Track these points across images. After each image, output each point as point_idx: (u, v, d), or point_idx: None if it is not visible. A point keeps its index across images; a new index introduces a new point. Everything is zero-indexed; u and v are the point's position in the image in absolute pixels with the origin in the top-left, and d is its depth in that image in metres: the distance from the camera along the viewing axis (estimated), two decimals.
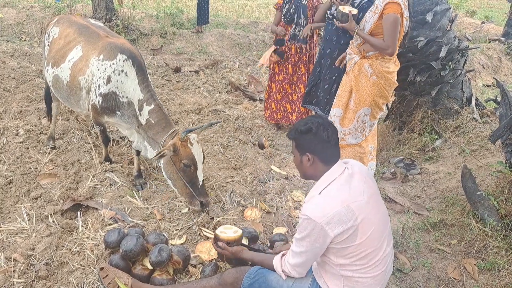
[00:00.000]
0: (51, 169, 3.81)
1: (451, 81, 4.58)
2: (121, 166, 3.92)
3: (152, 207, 3.31)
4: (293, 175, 4.02)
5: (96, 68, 3.41)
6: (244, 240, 2.73)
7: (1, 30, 8.92)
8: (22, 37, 8.68)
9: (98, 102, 3.44)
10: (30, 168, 3.81)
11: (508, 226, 3.01)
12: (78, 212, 3.24)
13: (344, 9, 3.62)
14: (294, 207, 3.48)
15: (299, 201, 3.56)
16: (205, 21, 9.75)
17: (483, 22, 11.50)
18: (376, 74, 3.58)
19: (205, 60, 8.13)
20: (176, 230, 3.05)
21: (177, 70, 7.35)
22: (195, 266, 2.72)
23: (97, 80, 3.40)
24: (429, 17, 4.30)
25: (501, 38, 9.29)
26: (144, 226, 3.07)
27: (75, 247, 2.86)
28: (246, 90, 6.59)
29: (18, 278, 2.64)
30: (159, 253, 2.52)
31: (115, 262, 2.55)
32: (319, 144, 1.98)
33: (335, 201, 1.88)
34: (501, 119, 3.24)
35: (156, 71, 7.27)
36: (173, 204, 3.35)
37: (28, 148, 4.15)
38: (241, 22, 11.37)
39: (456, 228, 3.26)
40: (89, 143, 4.22)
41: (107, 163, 3.87)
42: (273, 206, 3.46)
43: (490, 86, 7.38)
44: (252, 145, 4.76)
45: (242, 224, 3.12)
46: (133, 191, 3.53)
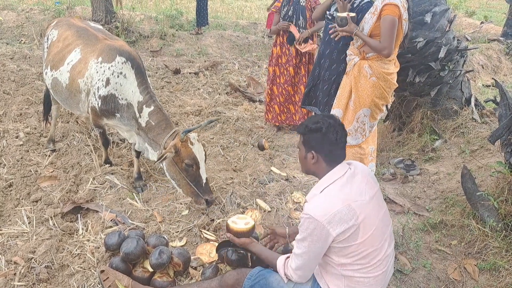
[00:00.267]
0: (51, 172, 3.82)
1: (451, 82, 4.58)
2: (121, 168, 3.93)
3: (152, 209, 3.31)
4: (293, 176, 4.02)
5: (95, 71, 3.42)
6: None
7: (1, 33, 8.92)
8: (22, 40, 8.69)
9: (98, 105, 3.44)
10: (30, 171, 3.81)
11: (508, 227, 3.01)
12: (79, 215, 3.24)
13: (342, 14, 3.65)
14: (295, 208, 3.48)
15: (299, 202, 3.56)
16: (204, 23, 9.78)
17: (482, 22, 11.50)
18: (376, 75, 3.58)
19: (205, 62, 8.13)
20: (177, 232, 3.05)
21: (177, 72, 7.36)
22: (196, 268, 2.72)
23: (96, 83, 3.41)
24: (428, 18, 4.30)
25: (500, 38, 9.29)
26: (145, 229, 3.07)
27: (76, 250, 2.86)
28: (246, 92, 6.60)
29: (19, 281, 2.64)
30: (160, 256, 2.52)
31: (116, 265, 2.55)
32: (326, 145, 1.99)
33: (337, 200, 1.89)
34: (501, 120, 3.24)
35: (156, 73, 7.28)
36: (174, 206, 3.35)
37: (28, 151, 4.15)
38: (241, 24, 11.39)
39: (456, 229, 3.26)
40: (89, 146, 4.22)
41: (107, 166, 3.88)
42: (273, 208, 3.46)
43: (490, 86, 7.38)
44: (252, 147, 4.76)
45: None
46: (133, 193, 3.53)
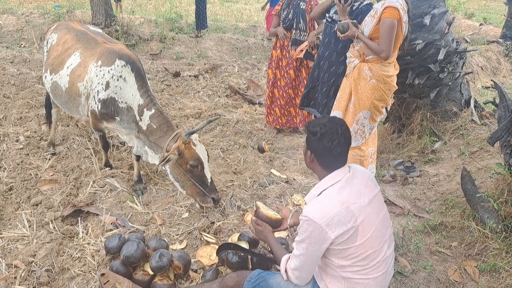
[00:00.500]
0: (52, 175, 3.82)
1: (450, 84, 4.59)
2: (121, 172, 3.93)
3: (153, 212, 3.31)
4: (293, 179, 4.03)
5: (95, 74, 3.43)
6: (245, 244, 2.73)
7: (1, 37, 8.94)
8: (22, 44, 8.71)
9: (97, 108, 3.45)
10: (31, 175, 3.81)
11: (508, 228, 3.01)
12: (79, 218, 3.25)
13: (343, 21, 3.69)
14: (295, 211, 3.48)
15: (300, 205, 3.56)
16: (204, 26, 9.80)
17: (481, 24, 11.52)
18: (376, 78, 3.59)
19: (205, 65, 8.15)
20: (177, 235, 3.05)
21: (177, 75, 7.37)
22: (196, 271, 2.72)
23: (96, 86, 3.41)
24: (427, 20, 4.31)
25: (500, 40, 9.30)
26: (145, 232, 3.07)
27: (76, 253, 2.87)
28: (246, 94, 6.61)
29: (20, 285, 2.64)
30: (160, 258, 2.53)
31: (116, 268, 2.55)
32: (320, 150, 1.99)
33: (335, 203, 1.90)
34: (500, 121, 3.25)
35: (156, 76, 7.29)
36: (174, 209, 3.35)
37: (28, 155, 4.16)
38: (240, 27, 11.41)
39: (456, 231, 3.26)
40: (89, 149, 4.23)
41: (107, 169, 3.88)
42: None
43: (489, 88, 7.39)
44: (252, 149, 4.77)
45: (243, 229, 3.13)
46: (134, 197, 3.54)
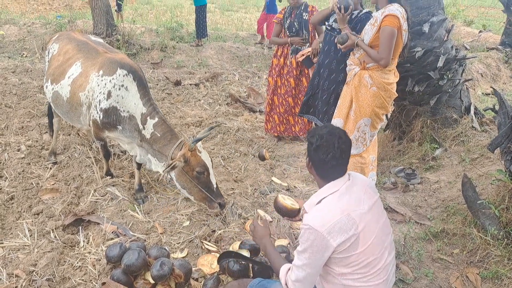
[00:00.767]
0: (53, 184, 3.83)
1: (450, 91, 4.60)
2: (122, 180, 3.94)
3: (154, 221, 3.31)
4: (294, 186, 4.03)
5: (96, 84, 3.45)
6: (246, 253, 2.73)
7: (3, 47, 9.00)
8: (24, 54, 8.76)
9: (99, 118, 3.46)
10: (32, 184, 3.82)
11: (510, 235, 3.00)
12: (80, 227, 3.25)
13: (343, 31, 3.73)
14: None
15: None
16: (204, 35, 9.87)
17: (481, 31, 11.57)
18: (376, 85, 3.61)
19: (205, 73, 8.19)
20: (178, 244, 3.05)
21: (178, 84, 7.41)
22: (197, 280, 2.71)
23: (98, 96, 3.43)
24: (426, 28, 4.33)
25: (499, 47, 9.34)
26: (146, 240, 3.07)
27: (77, 262, 2.86)
28: (246, 102, 6.63)
29: None
30: (161, 267, 2.52)
31: (117, 277, 2.55)
32: (316, 160, 2.00)
33: (336, 210, 1.89)
34: (500, 128, 3.26)
35: (157, 85, 7.33)
36: (175, 218, 3.35)
37: (30, 164, 4.17)
38: (240, 35, 11.48)
39: (458, 238, 3.25)
40: (90, 158, 4.24)
41: (108, 177, 3.89)
42: (274, 218, 3.46)
43: (489, 95, 7.41)
44: (253, 157, 4.77)
45: (244, 237, 3.13)
46: (135, 205, 3.54)
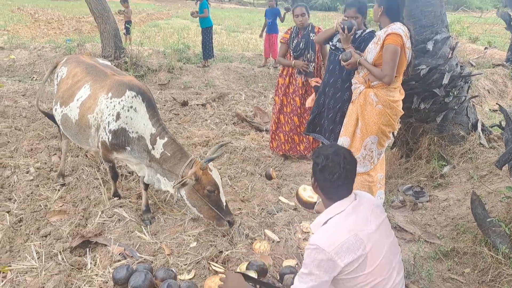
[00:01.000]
0: (61, 206, 3.85)
1: (456, 108, 4.60)
2: (130, 201, 3.95)
3: (161, 242, 3.31)
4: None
5: (105, 106, 3.49)
6: (253, 274, 2.71)
7: (13, 71, 9.19)
8: (34, 77, 8.93)
9: (108, 139, 3.50)
10: (40, 206, 3.84)
11: None
12: (87, 249, 3.25)
13: (346, 50, 3.77)
14: (304, 239, 3.46)
15: (309, 232, 3.54)
16: (210, 56, 10.01)
17: (486, 48, 11.60)
18: (382, 103, 3.62)
19: (212, 93, 8.26)
20: (185, 265, 3.03)
21: (185, 104, 7.48)
22: None
23: (107, 118, 3.47)
24: (430, 46, 4.36)
25: (505, 63, 9.35)
26: (153, 262, 3.06)
27: (84, 285, 2.85)
28: (253, 121, 6.66)
29: None
30: None
31: None
32: (321, 180, 2.00)
33: (343, 230, 1.88)
34: (507, 144, 3.24)
35: (164, 106, 7.40)
36: (182, 238, 3.35)
37: (38, 186, 4.20)
38: (246, 56, 11.61)
39: (469, 256, 3.20)
40: (98, 179, 4.26)
41: (116, 199, 3.90)
42: (282, 238, 3.44)
43: (497, 111, 7.38)
44: (260, 176, 4.77)
45: (251, 257, 3.10)
46: (142, 226, 3.54)
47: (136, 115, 3.45)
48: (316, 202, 2.69)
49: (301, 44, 4.91)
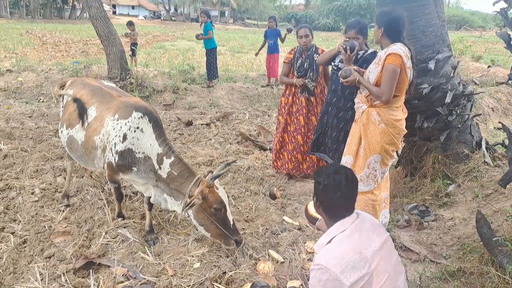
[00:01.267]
0: (65, 227, 3.85)
1: (459, 126, 4.60)
2: (134, 222, 3.95)
3: (164, 263, 3.29)
4: (306, 226, 3.99)
5: (112, 127, 3.53)
6: None
7: (21, 93, 9.32)
8: (41, 99, 9.05)
9: (114, 160, 3.52)
10: (44, 227, 3.85)
11: None
12: (91, 270, 3.23)
13: (346, 67, 3.82)
14: (308, 259, 3.43)
15: (313, 252, 3.51)
16: (215, 76, 10.13)
17: (490, 66, 11.65)
18: (385, 122, 3.64)
19: (216, 113, 8.33)
20: (188, 286, 3.01)
21: (189, 124, 7.53)
22: None
23: (113, 139, 3.50)
24: (432, 65, 4.39)
25: (509, 82, 9.37)
26: (156, 283, 3.04)
27: None
28: (256, 140, 6.69)
29: None
30: None
31: None
32: (324, 201, 2.01)
33: (347, 249, 1.87)
34: (511, 163, 3.23)
35: (169, 126, 7.46)
36: (185, 259, 3.33)
37: (43, 207, 4.21)
38: (250, 76, 11.73)
39: (476, 277, 3.15)
40: (102, 200, 4.27)
41: (120, 219, 3.90)
42: (286, 258, 3.41)
43: (501, 129, 7.37)
44: (264, 196, 4.76)
45: (255, 278, 3.08)
46: (145, 247, 3.53)
47: (143, 136, 3.48)
48: (319, 219, 2.71)
49: (305, 65, 4.98)
